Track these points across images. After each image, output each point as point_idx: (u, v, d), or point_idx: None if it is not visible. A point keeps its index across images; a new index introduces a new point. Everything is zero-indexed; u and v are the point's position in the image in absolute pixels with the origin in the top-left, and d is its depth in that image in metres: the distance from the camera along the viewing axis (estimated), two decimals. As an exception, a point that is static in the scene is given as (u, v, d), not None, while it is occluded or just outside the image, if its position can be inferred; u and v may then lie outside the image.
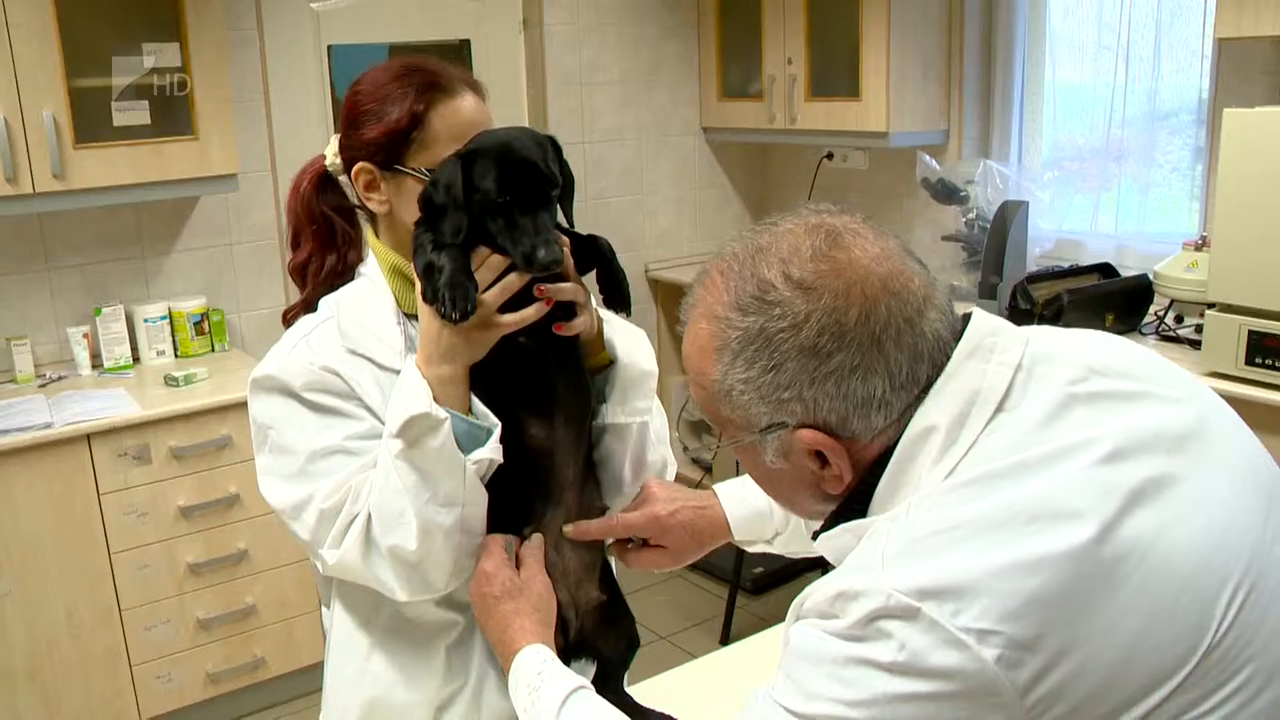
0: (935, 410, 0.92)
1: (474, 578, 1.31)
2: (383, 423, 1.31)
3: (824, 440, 0.94)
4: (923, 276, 0.95)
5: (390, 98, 1.34)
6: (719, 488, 1.44)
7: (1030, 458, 0.88)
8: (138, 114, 3.06)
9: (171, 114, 3.12)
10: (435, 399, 1.25)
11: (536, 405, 1.33)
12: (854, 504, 0.98)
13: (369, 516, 1.28)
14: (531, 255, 1.22)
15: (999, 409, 0.92)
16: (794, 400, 0.93)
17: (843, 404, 0.92)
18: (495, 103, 1.43)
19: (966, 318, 0.97)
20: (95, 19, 2.98)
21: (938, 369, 0.93)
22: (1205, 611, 0.84)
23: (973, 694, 0.82)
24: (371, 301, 1.39)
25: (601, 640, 1.43)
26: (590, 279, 1.37)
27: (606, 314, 1.42)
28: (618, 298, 1.37)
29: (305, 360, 1.34)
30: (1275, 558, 0.89)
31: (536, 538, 1.35)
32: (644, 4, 4.28)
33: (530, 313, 1.26)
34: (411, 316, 1.38)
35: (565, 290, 1.29)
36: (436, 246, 1.25)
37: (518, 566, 1.31)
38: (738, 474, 1.36)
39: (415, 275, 1.28)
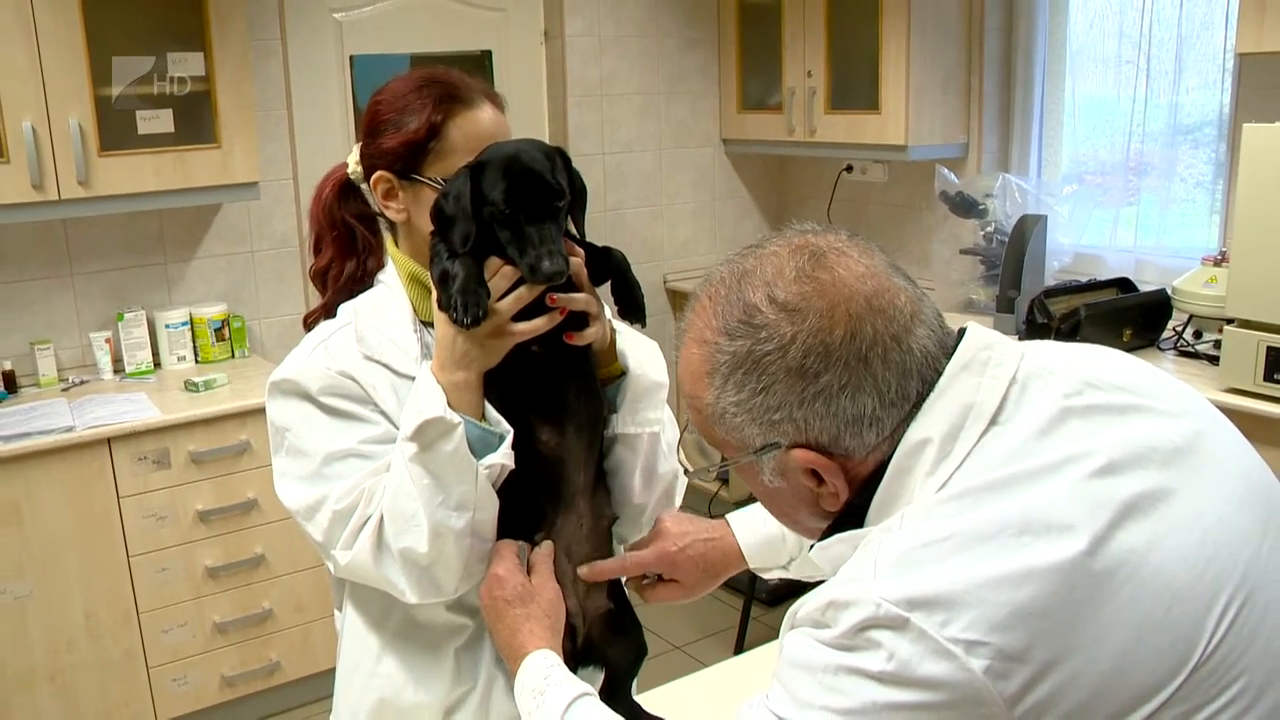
0: (929, 424, 0.93)
1: (485, 581, 1.32)
2: (397, 427, 1.32)
3: (817, 459, 0.95)
4: (909, 293, 0.95)
5: (409, 108, 1.36)
6: (731, 517, 1.44)
7: (1023, 470, 0.88)
8: (162, 122, 3.10)
9: (195, 122, 3.15)
10: (449, 404, 1.26)
11: (548, 413, 1.34)
12: (850, 517, 0.98)
13: (381, 519, 1.30)
14: (536, 266, 1.23)
15: (993, 422, 0.92)
16: (785, 421, 0.94)
17: (833, 423, 0.93)
18: (516, 114, 1.44)
19: (961, 332, 0.98)
20: (121, 28, 3.02)
21: (929, 384, 0.94)
22: (1197, 624, 0.84)
23: (961, 704, 0.82)
24: (389, 309, 1.41)
25: (609, 649, 1.44)
26: (605, 290, 1.38)
27: (620, 325, 1.43)
28: (633, 309, 1.38)
29: (323, 365, 1.36)
30: (1271, 570, 0.89)
31: (546, 545, 1.36)
32: (664, 16, 4.30)
33: (542, 322, 1.28)
34: (428, 324, 1.40)
35: (577, 300, 1.30)
36: (451, 255, 1.27)
37: (529, 573, 1.32)
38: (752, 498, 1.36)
39: (432, 283, 1.30)
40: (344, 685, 1.48)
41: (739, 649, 3.59)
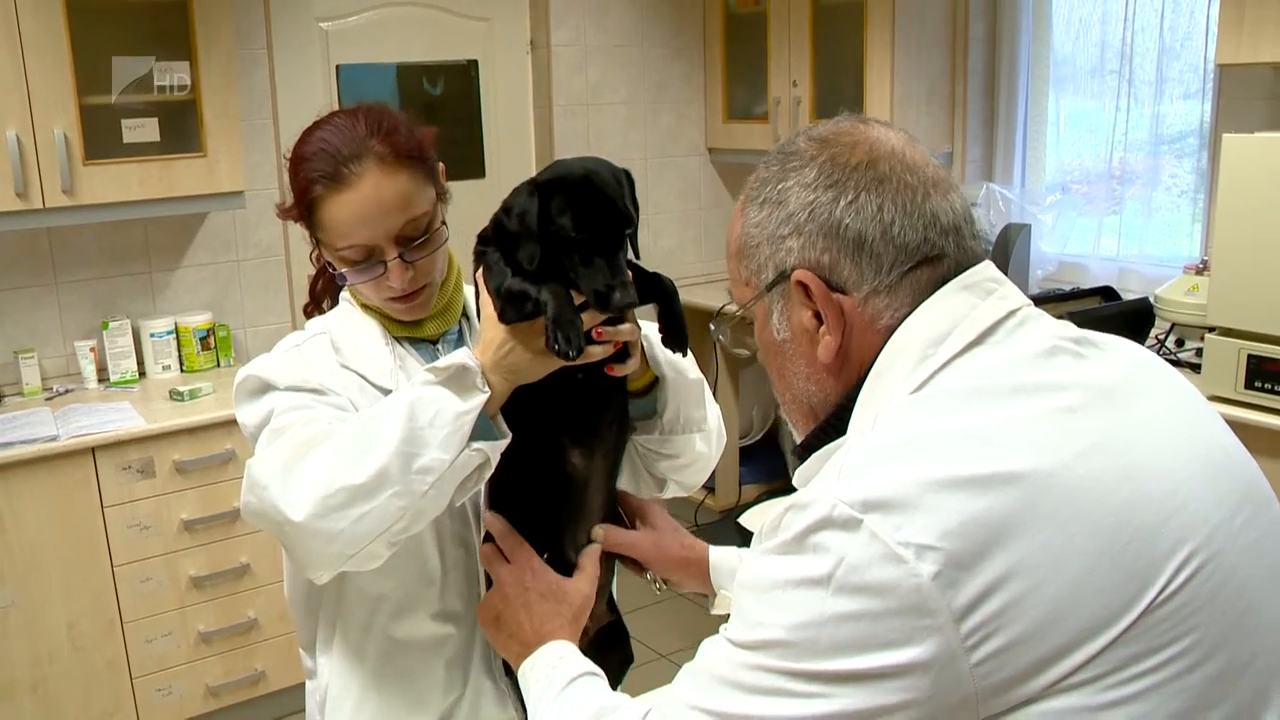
0: (918, 325, 0.95)
1: (518, 567, 1.31)
2: None
3: (815, 281, 0.97)
4: (940, 169, 1.00)
5: (301, 174, 1.34)
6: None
7: (1006, 384, 0.89)
8: (147, 131, 3.10)
9: (181, 131, 3.15)
10: None
11: (580, 437, 1.34)
12: (835, 426, 1.00)
13: (313, 439, 1.23)
14: (607, 297, 1.20)
15: (979, 341, 0.94)
16: (792, 235, 0.98)
17: (834, 244, 0.96)
18: (502, 123, 1.45)
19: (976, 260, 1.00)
20: (107, 37, 3.02)
21: (934, 250, 0.96)
22: (1154, 566, 0.83)
23: (906, 612, 0.81)
24: (359, 325, 1.42)
25: (601, 659, 1.44)
26: (648, 311, 1.36)
27: (644, 326, 1.40)
28: (677, 340, 1.35)
29: (295, 366, 1.36)
30: (1240, 543, 0.89)
31: (594, 547, 1.37)
32: (650, 26, 4.31)
33: (598, 351, 1.24)
34: (399, 339, 1.41)
35: (624, 333, 1.27)
36: (518, 273, 1.23)
37: (573, 572, 1.35)
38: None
39: (485, 290, 1.26)
40: (333, 714, 1.44)
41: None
